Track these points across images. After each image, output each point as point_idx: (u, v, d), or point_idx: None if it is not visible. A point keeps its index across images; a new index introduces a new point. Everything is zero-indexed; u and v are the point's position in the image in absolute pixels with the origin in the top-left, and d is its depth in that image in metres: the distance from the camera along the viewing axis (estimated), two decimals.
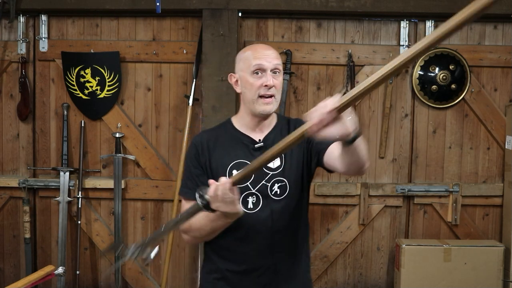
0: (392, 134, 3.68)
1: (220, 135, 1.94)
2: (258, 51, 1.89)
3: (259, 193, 1.86)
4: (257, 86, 1.84)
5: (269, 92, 1.85)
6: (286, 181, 1.88)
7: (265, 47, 1.93)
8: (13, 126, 3.77)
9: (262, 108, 1.86)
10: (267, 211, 1.86)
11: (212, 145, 1.90)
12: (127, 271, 3.78)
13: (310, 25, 3.66)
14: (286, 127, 1.97)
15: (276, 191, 1.87)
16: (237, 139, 1.91)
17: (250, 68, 1.86)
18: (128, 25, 3.70)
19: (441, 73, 3.59)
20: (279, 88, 1.90)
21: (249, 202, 1.86)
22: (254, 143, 1.90)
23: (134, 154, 3.70)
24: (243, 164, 1.81)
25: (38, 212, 3.79)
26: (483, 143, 3.70)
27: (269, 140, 1.90)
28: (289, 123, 1.98)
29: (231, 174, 1.84)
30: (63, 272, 2.52)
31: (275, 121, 1.97)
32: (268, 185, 1.86)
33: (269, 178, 1.87)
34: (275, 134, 1.93)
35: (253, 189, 1.86)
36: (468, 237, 3.69)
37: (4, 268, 3.84)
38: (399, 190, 3.64)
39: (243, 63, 1.90)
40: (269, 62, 1.86)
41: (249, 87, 1.86)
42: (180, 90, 3.70)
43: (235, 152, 1.88)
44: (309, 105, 3.68)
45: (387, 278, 3.76)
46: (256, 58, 1.87)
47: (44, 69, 3.73)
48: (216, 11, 3.46)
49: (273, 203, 1.87)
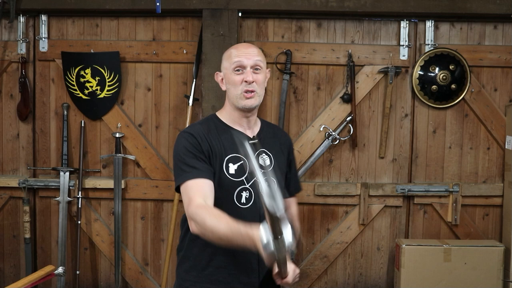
0: (392, 134, 3.68)
1: (211, 128, 1.98)
2: (239, 49, 1.98)
3: (252, 189, 1.94)
4: (238, 82, 1.94)
5: (249, 87, 1.93)
6: (276, 181, 1.92)
7: (247, 45, 2.02)
8: (13, 126, 3.77)
9: (244, 102, 1.94)
10: (257, 206, 1.94)
11: (207, 136, 1.94)
12: (127, 271, 3.78)
13: (310, 25, 3.67)
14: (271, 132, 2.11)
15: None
16: (230, 134, 1.98)
17: (232, 65, 1.95)
18: (128, 25, 3.70)
19: (441, 73, 3.59)
20: (261, 83, 1.97)
21: (242, 196, 1.94)
22: (248, 139, 1.98)
23: (134, 154, 3.70)
24: (239, 158, 1.93)
25: (38, 212, 3.79)
26: (483, 143, 3.70)
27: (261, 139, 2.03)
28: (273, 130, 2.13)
29: (227, 166, 1.92)
30: (63, 272, 2.52)
31: (259, 122, 2.09)
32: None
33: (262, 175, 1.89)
34: (263, 135, 2.06)
35: (247, 185, 1.94)
36: (468, 237, 3.69)
37: (4, 268, 3.83)
38: (399, 190, 3.64)
39: (226, 61, 1.99)
40: (249, 59, 1.94)
41: (232, 83, 1.96)
42: (180, 90, 3.70)
43: (230, 146, 1.95)
44: (309, 105, 3.68)
45: (387, 278, 3.76)
46: (236, 56, 1.96)
47: (44, 69, 3.73)
48: (216, 11, 3.46)
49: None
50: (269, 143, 2.05)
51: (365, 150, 3.70)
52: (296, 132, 3.69)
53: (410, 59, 3.64)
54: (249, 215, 1.91)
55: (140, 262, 3.80)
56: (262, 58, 1.99)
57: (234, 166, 1.94)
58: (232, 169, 1.94)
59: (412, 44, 3.64)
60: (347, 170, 3.71)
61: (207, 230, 1.76)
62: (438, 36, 3.64)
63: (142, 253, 3.80)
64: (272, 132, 2.11)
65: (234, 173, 1.93)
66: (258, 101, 1.98)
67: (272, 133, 2.10)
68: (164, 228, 3.76)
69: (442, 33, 3.66)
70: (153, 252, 3.79)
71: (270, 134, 2.09)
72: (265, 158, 2.01)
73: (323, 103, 3.69)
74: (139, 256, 3.80)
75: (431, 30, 3.61)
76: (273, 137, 2.09)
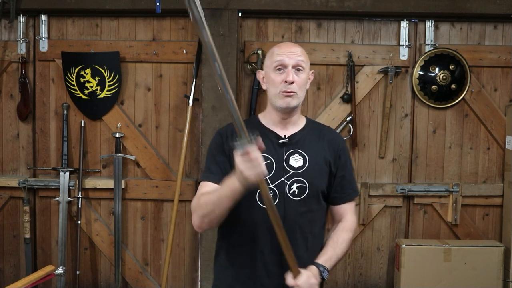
0: (392, 134, 3.68)
1: (248, 128, 1.90)
2: (282, 48, 1.91)
3: (276, 189, 1.86)
4: (278, 82, 1.87)
5: (289, 88, 1.86)
6: (307, 183, 1.87)
7: (291, 44, 1.94)
8: (13, 126, 3.77)
9: (282, 101, 1.87)
10: (281, 209, 1.83)
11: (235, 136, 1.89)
12: (127, 271, 3.78)
13: (310, 25, 3.66)
14: (315, 133, 1.98)
15: (294, 191, 1.86)
16: (262, 133, 1.86)
17: (273, 64, 1.88)
18: (128, 25, 3.70)
19: (441, 73, 3.59)
20: (302, 85, 1.90)
21: None
22: (279, 138, 1.91)
23: (134, 154, 3.70)
24: (266, 158, 1.81)
25: (38, 212, 3.79)
26: (483, 143, 3.70)
27: (294, 139, 1.92)
28: (321, 131, 2.00)
29: None
30: (63, 272, 2.51)
31: (303, 123, 1.99)
32: (287, 183, 1.86)
33: (289, 176, 1.87)
34: (302, 135, 1.94)
35: (271, 184, 1.85)
36: (468, 237, 3.68)
37: (4, 268, 3.83)
38: (399, 190, 3.64)
39: (268, 59, 1.93)
40: (291, 58, 1.87)
41: (271, 83, 1.89)
42: (180, 90, 3.70)
43: None
44: (309, 105, 3.68)
45: (387, 278, 3.76)
46: (278, 55, 1.88)
47: (44, 69, 3.73)
48: (216, 11, 3.46)
49: (289, 202, 1.85)
50: (308, 144, 1.93)
51: (365, 150, 3.70)
52: None
53: (410, 59, 3.64)
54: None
55: (140, 262, 3.80)
56: (305, 59, 1.91)
57: None
58: None
59: (412, 44, 3.64)
60: None
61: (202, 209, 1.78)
62: (438, 36, 3.64)
63: (142, 253, 3.80)
64: (317, 132, 1.98)
65: None
66: (297, 102, 1.90)
67: (317, 133, 1.98)
68: (164, 228, 3.76)
69: (442, 33, 3.66)
70: (153, 252, 3.79)
71: (314, 134, 1.97)
72: (298, 159, 1.89)
73: (323, 103, 3.69)
74: (139, 256, 3.80)
75: (431, 30, 3.61)
76: (317, 136, 1.97)
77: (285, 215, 1.83)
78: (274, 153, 1.88)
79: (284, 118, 1.93)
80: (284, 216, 1.83)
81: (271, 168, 1.85)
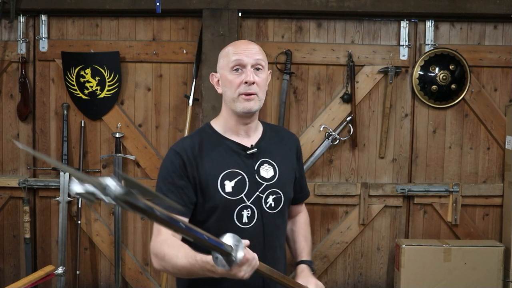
0: (392, 134, 3.68)
1: (203, 142, 1.74)
2: (238, 46, 1.74)
3: (254, 205, 1.71)
4: (236, 83, 1.69)
5: (250, 90, 1.68)
6: (281, 193, 1.75)
7: (246, 42, 1.78)
8: (13, 126, 3.77)
9: (242, 105, 1.69)
10: (260, 226, 1.71)
11: (197, 153, 1.71)
12: (127, 271, 3.78)
13: (310, 25, 3.66)
14: (276, 137, 1.85)
15: (270, 204, 1.74)
16: (224, 146, 1.74)
17: (229, 64, 1.71)
18: (128, 25, 3.70)
19: (441, 73, 3.59)
20: (262, 85, 1.73)
21: (244, 216, 1.70)
22: (245, 149, 1.74)
23: (134, 154, 3.70)
24: (236, 173, 1.69)
25: (38, 212, 3.79)
26: (483, 143, 3.70)
27: (261, 147, 1.77)
28: (278, 133, 1.88)
29: (223, 184, 1.68)
30: (63, 272, 2.52)
31: (261, 128, 1.84)
32: (262, 196, 1.73)
33: (264, 189, 1.73)
34: (265, 142, 1.80)
35: (248, 202, 1.70)
36: (468, 237, 3.68)
37: (4, 268, 3.83)
38: (399, 190, 3.64)
39: (223, 59, 1.75)
40: (249, 57, 1.70)
41: (228, 85, 1.71)
42: (180, 90, 3.70)
43: (225, 161, 1.71)
44: (309, 105, 3.68)
45: (387, 278, 3.76)
46: (235, 54, 1.71)
47: (44, 69, 3.73)
48: (216, 11, 3.46)
49: (267, 217, 1.73)
50: (273, 151, 1.79)
51: (365, 150, 3.70)
52: (296, 132, 3.69)
53: (410, 59, 3.64)
54: (254, 235, 1.66)
55: (140, 262, 3.79)
56: (263, 57, 1.75)
57: (231, 183, 1.69)
58: (228, 186, 1.69)
59: (412, 44, 3.64)
60: (347, 170, 3.71)
61: (167, 263, 1.58)
62: (438, 36, 3.64)
63: (142, 253, 3.80)
64: (277, 137, 1.85)
65: (231, 191, 1.69)
66: (258, 105, 1.72)
67: (277, 138, 1.85)
68: None
69: (442, 33, 3.66)
70: None
71: (275, 140, 1.83)
72: (268, 169, 1.75)
73: (323, 103, 3.69)
74: (139, 256, 3.80)
75: (431, 30, 3.61)
76: (279, 142, 1.84)
77: (265, 231, 1.72)
78: (243, 166, 1.72)
79: (245, 124, 1.74)
80: (264, 232, 1.71)
81: (244, 184, 1.70)
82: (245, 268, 1.41)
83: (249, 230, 1.68)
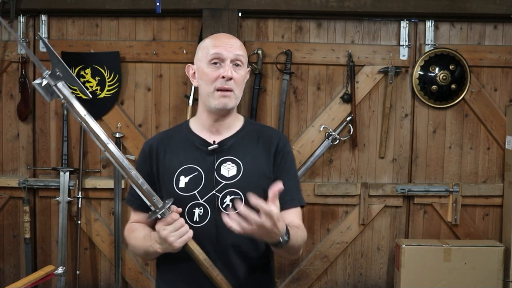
0: (392, 134, 3.68)
1: (174, 137, 1.73)
2: (219, 39, 1.66)
3: (207, 204, 1.62)
4: (213, 77, 1.61)
5: (226, 85, 1.61)
6: (241, 194, 1.60)
7: (227, 36, 1.69)
8: (13, 126, 3.77)
9: (217, 101, 1.61)
10: (213, 227, 1.61)
11: (162, 149, 1.70)
12: (127, 271, 3.78)
13: (310, 25, 3.66)
14: (253, 136, 1.70)
15: (228, 204, 1.61)
16: (189, 141, 1.69)
17: (208, 57, 1.63)
18: (128, 25, 3.70)
19: (441, 73, 3.59)
20: (240, 83, 1.64)
21: (195, 213, 1.62)
22: (207, 145, 1.66)
23: (134, 154, 3.69)
24: (193, 169, 1.64)
25: (38, 212, 3.79)
26: (483, 143, 3.70)
27: (226, 145, 1.66)
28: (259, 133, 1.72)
29: (178, 180, 1.64)
30: (63, 272, 2.51)
31: (240, 126, 1.72)
32: (219, 196, 1.62)
33: (221, 188, 1.62)
34: (235, 140, 1.68)
35: (201, 200, 1.62)
36: (468, 237, 3.68)
37: (4, 268, 3.83)
38: (399, 190, 3.64)
39: (201, 52, 1.67)
40: (229, 51, 1.62)
41: (205, 78, 1.64)
42: (180, 90, 3.70)
43: (184, 156, 1.66)
44: (309, 105, 3.68)
45: (387, 278, 3.76)
46: (214, 47, 1.63)
47: None
48: (216, 11, 3.46)
49: (223, 217, 1.52)
50: (243, 149, 1.67)
51: (365, 150, 3.70)
52: (296, 132, 3.69)
53: (410, 59, 3.64)
54: (204, 235, 1.60)
55: (140, 262, 3.79)
56: (244, 53, 1.66)
57: (185, 179, 1.64)
58: (182, 182, 1.64)
59: (412, 44, 3.64)
60: (347, 170, 3.71)
61: (132, 248, 1.72)
62: (438, 36, 3.64)
63: None
64: (256, 135, 1.71)
65: (184, 186, 1.63)
66: (234, 103, 1.64)
67: (256, 136, 1.70)
68: None
69: (442, 33, 3.66)
70: None
71: (250, 138, 1.70)
72: (230, 167, 1.63)
73: (323, 103, 3.69)
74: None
75: (431, 30, 3.61)
76: (255, 141, 1.69)
77: (218, 233, 1.61)
78: (203, 163, 1.64)
79: (216, 121, 1.67)
80: (217, 234, 1.61)
81: (199, 180, 1.63)
82: (169, 229, 1.50)
83: (199, 229, 1.60)
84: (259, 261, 1.69)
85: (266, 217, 1.36)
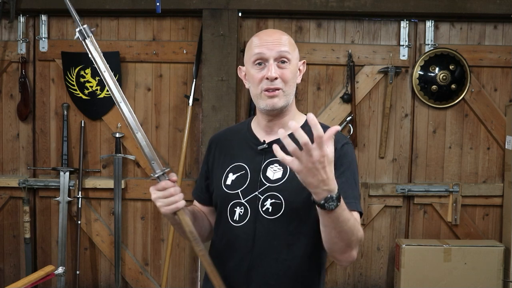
0: (392, 134, 3.68)
1: (236, 134, 1.70)
2: (261, 38, 1.59)
3: (248, 205, 1.56)
4: (258, 78, 1.55)
5: (272, 85, 1.53)
6: (282, 199, 1.52)
7: (270, 32, 1.62)
8: (13, 126, 3.77)
9: (265, 103, 1.55)
10: (251, 229, 1.54)
11: (222, 145, 1.69)
12: (127, 271, 3.78)
13: (310, 25, 3.66)
14: (311, 137, 1.56)
15: (267, 208, 1.54)
16: (246, 139, 1.66)
17: (251, 58, 1.57)
18: (128, 25, 3.70)
19: (441, 73, 3.59)
20: (289, 79, 1.55)
21: (236, 212, 1.57)
22: (258, 145, 1.61)
23: (134, 154, 3.70)
24: (241, 167, 1.60)
25: (38, 212, 3.80)
26: (483, 143, 3.70)
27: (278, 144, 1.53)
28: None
29: (226, 177, 1.61)
30: (63, 272, 2.51)
31: (300, 124, 1.52)
32: (261, 198, 1.55)
33: (264, 190, 1.55)
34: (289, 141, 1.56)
35: (243, 199, 1.56)
36: (468, 237, 3.69)
37: (4, 268, 3.83)
38: (399, 190, 3.64)
39: (247, 53, 1.62)
40: (271, 49, 1.54)
41: (251, 80, 1.58)
42: (180, 90, 3.70)
43: (237, 154, 1.63)
44: (309, 105, 3.68)
45: (387, 278, 3.76)
46: (257, 46, 1.57)
47: (44, 69, 3.73)
48: (216, 11, 3.46)
49: (261, 221, 1.53)
50: None
51: (365, 150, 3.70)
52: None
53: (410, 59, 3.64)
54: (242, 235, 1.55)
55: (140, 262, 3.80)
56: (290, 48, 1.56)
57: (233, 176, 1.60)
58: (229, 179, 1.60)
59: (412, 44, 3.64)
60: None
61: None
62: (438, 36, 3.64)
63: (142, 253, 3.80)
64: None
65: (230, 184, 1.60)
66: (284, 101, 1.55)
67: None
68: (164, 228, 3.76)
69: (442, 33, 3.66)
70: (153, 252, 3.79)
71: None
72: (276, 170, 1.55)
73: (323, 103, 3.69)
74: (139, 256, 3.80)
75: (431, 30, 3.61)
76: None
77: (256, 236, 1.53)
78: (251, 162, 1.59)
79: (270, 121, 1.60)
80: (254, 237, 1.53)
81: (244, 179, 1.58)
82: (158, 194, 1.48)
83: (238, 230, 1.56)
84: (299, 273, 1.56)
85: (316, 144, 1.21)
